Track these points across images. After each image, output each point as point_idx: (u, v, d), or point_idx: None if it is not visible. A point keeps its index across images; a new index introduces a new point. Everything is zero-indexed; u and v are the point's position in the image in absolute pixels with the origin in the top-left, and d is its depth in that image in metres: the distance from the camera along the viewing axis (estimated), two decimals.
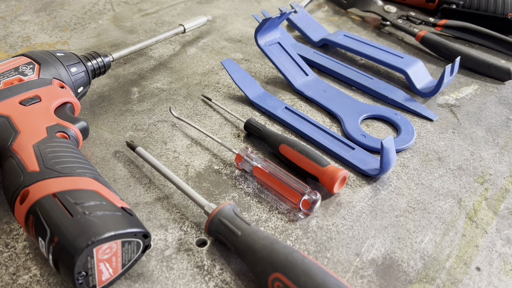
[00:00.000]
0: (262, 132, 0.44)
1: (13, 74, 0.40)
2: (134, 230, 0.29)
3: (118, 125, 0.47)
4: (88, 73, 0.46)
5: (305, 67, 0.55)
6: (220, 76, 0.56)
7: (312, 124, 0.47)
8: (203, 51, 0.61)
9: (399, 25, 0.65)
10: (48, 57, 0.43)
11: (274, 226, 0.37)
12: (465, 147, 0.46)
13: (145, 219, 0.37)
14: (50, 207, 0.29)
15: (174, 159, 0.43)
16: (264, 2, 0.77)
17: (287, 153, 0.41)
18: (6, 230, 0.35)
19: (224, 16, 0.71)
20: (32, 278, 0.32)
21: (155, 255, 0.34)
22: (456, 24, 0.66)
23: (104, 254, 0.28)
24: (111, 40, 0.63)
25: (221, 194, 0.39)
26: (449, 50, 0.60)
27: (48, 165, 0.32)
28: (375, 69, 0.59)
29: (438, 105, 0.52)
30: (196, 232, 0.36)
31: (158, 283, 0.32)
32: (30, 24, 0.65)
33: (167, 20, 0.69)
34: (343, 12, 0.74)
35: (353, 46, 0.59)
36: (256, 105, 0.50)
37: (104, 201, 0.30)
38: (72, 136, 0.37)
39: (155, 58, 0.59)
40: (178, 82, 0.55)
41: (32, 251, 0.34)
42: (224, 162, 0.43)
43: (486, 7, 0.68)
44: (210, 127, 0.47)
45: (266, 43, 0.53)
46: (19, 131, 0.35)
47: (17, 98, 0.38)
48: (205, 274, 0.33)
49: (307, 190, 0.37)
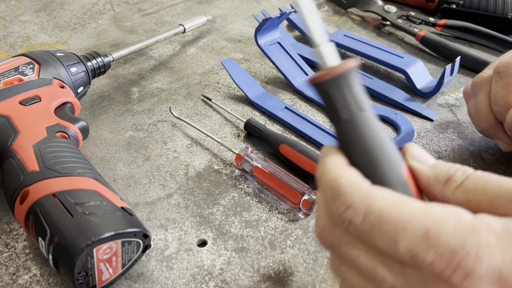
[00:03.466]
0: (262, 132, 0.44)
1: (13, 74, 0.40)
2: (134, 230, 0.29)
3: (118, 125, 0.47)
4: (88, 73, 0.46)
5: (305, 67, 0.55)
6: (220, 76, 0.56)
7: (312, 124, 0.47)
8: (203, 51, 0.61)
9: (399, 25, 0.65)
10: (48, 57, 0.43)
11: (274, 226, 0.37)
12: (465, 147, 0.46)
13: (145, 219, 0.37)
14: (50, 207, 0.29)
15: (174, 159, 0.43)
16: (264, 2, 0.77)
17: (287, 153, 0.41)
18: (6, 230, 0.35)
19: (224, 16, 0.71)
20: (32, 278, 0.32)
21: (155, 255, 0.34)
22: (456, 24, 0.66)
23: (104, 254, 0.28)
24: (111, 40, 0.63)
25: (221, 194, 0.39)
26: (449, 50, 0.60)
27: (48, 165, 0.32)
28: (375, 69, 0.59)
29: (438, 105, 0.52)
30: (196, 232, 0.36)
31: (158, 283, 0.32)
32: (30, 24, 0.65)
33: (167, 20, 0.69)
34: (343, 12, 0.74)
35: (353, 46, 0.59)
36: (256, 105, 0.50)
37: (104, 201, 0.30)
38: (72, 136, 0.37)
39: (155, 58, 0.59)
40: (178, 82, 0.54)
41: (32, 251, 0.34)
42: (224, 162, 0.43)
43: (486, 7, 0.68)
44: (210, 127, 0.47)
45: (266, 43, 0.53)
46: (19, 131, 0.35)
47: (17, 98, 0.38)
48: (205, 274, 0.33)
49: (307, 190, 0.37)
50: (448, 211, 0.21)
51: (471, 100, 0.44)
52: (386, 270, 0.22)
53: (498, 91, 0.40)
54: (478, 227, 0.20)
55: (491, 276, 0.19)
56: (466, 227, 0.20)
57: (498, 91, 0.40)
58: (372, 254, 0.22)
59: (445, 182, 0.24)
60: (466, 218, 0.20)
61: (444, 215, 0.21)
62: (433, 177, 0.24)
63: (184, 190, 0.40)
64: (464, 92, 0.46)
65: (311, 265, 0.34)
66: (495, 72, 0.40)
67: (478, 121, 0.43)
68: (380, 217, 0.21)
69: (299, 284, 0.32)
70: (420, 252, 0.20)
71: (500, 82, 0.40)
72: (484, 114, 0.42)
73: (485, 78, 0.42)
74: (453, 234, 0.20)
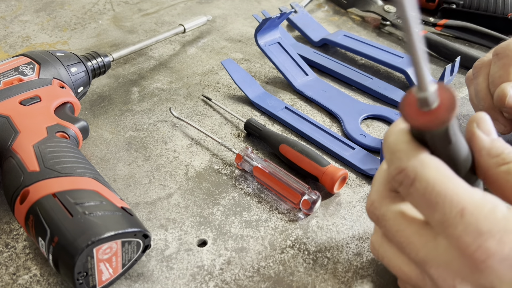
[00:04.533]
0: (262, 132, 0.44)
1: (13, 74, 0.40)
2: (134, 230, 0.29)
3: (118, 125, 0.47)
4: (88, 73, 0.46)
5: (305, 67, 0.55)
6: (220, 76, 0.56)
7: (312, 124, 0.47)
8: (203, 51, 0.61)
9: (399, 25, 0.65)
10: (48, 57, 0.43)
11: (274, 226, 0.37)
12: None
13: (145, 219, 0.37)
14: (50, 207, 0.29)
15: (174, 159, 0.43)
16: (264, 2, 0.77)
17: (287, 153, 0.41)
18: (6, 230, 0.35)
19: (224, 16, 0.71)
20: (32, 278, 0.32)
21: (155, 255, 0.34)
22: (456, 24, 0.66)
23: (104, 254, 0.28)
24: (111, 40, 0.63)
25: (221, 194, 0.39)
26: (449, 50, 0.60)
27: (48, 165, 0.32)
28: (375, 69, 0.59)
29: None
30: (196, 232, 0.36)
31: (158, 283, 0.32)
32: (30, 24, 0.65)
33: (167, 20, 0.69)
34: (343, 12, 0.74)
35: (353, 46, 0.59)
36: (256, 105, 0.50)
37: (104, 201, 0.30)
38: (72, 136, 0.37)
39: (155, 58, 0.59)
40: (178, 82, 0.54)
41: (32, 251, 0.34)
42: (224, 162, 0.43)
43: (486, 7, 0.68)
44: (210, 127, 0.47)
45: (266, 43, 0.53)
46: (19, 131, 0.35)
47: (17, 98, 0.38)
48: (205, 274, 0.33)
49: (307, 190, 0.37)
50: (487, 198, 0.23)
51: (472, 84, 0.45)
52: (422, 243, 0.24)
53: (496, 72, 0.40)
54: (509, 216, 0.22)
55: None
56: (498, 214, 0.22)
57: (495, 72, 0.41)
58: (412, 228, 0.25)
59: (495, 156, 0.25)
60: (500, 207, 0.22)
61: (482, 200, 0.22)
62: (486, 148, 0.26)
63: (184, 190, 0.40)
64: (466, 78, 0.47)
65: (311, 265, 0.34)
66: (494, 54, 0.41)
67: (478, 104, 0.44)
68: (426, 185, 0.23)
69: (299, 284, 0.32)
70: (451, 226, 0.22)
71: (498, 63, 0.40)
72: (483, 95, 0.42)
73: (485, 61, 0.43)
74: (485, 217, 0.22)
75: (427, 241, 0.24)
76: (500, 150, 0.25)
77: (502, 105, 0.39)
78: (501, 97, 0.39)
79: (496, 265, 0.21)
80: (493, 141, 0.26)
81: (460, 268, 0.23)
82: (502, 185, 0.25)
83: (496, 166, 0.25)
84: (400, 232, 0.25)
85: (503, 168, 0.25)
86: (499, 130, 0.43)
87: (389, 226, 0.26)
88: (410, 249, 0.25)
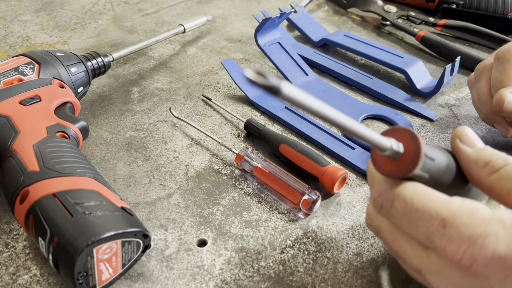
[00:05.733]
0: (262, 132, 0.44)
1: (13, 74, 0.40)
2: (134, 230, 0.29)
3: (118, 125, 0.47)
4: (88, 73, 0.46)
5: (305, 67, 0.55)
6: (220, 76, 0.56)
7: (312, 124, 0.47)
8: (203, 51, 0.61)
9: (399, 25, 0.65)
10: (48, 57, 0.43)
11: (274, 226, 0.37)
12: None
13: (145, 219, 0.37)
14: (50, 207, 0.29)
15: (174, 159, 0.43)
16: (264, 2, 0.77)
17: (287, 153, 0.41)
18: (6, 230, 0.35)
19: (224, 16, 0.71)
20: (32, 278, 0.32)
21: (155, 255, 0.34)
22: (456, 24, 0.66)
23: (104, 254, 0.28)
24: (111, 40, 0.63)
25: (221, 194, 0.39)
26: (449, 50, 0.60)
27: (48, 165, 0.32)
28: (375, 69, 0.59)
29: (438, 105, 0.52)
30: (196, 232, 0.36)
31: (158, 283, 0.32)
32: (30, 24, 0.65)
33: (167, 20, 0.69)
34: (343, 12, 0.74)
35: (353, 46, 0.59)
36: (256, 105, 0.50)
37: (104, 201, 0.30)
38: (72, 136, 0.37)
39: (155, 58, 0.59)
40: (178, 82, 0.54)
41: (32, 251, 0.34)
42: (224, 162, 0.43)
43: (486, 7, 0.68)
44: (210, 127, 0.47)
45: (266, 43, 0.53)
46: (19, 131, 0.35)
47: (17, 98, 0.38)
48: (205, 274, 0.33)
49: (307, 190, 0.37)
50: (465, 204, 0.23)
51: (474, 87, 0.45)
52: (414, 253, 0.25)
53: (497, 76, 0.41)
54: (490, 219, 0.22)
55: (496, 262, 0.22)
56: (478, 219, 0.22)
57: (496, 76, 0.41)
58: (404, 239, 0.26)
59: (484, 166, 0.26)
60: (481, 211, 0.23)
61: (460, 207, 0.23)
62: (473, 160, 0.26)
63: (184, 190, 0.40)
64: (468, 81, 0.47)
65: (311, 265, 0.34)
66: (495, 58, 0.41)
67: (480, 108, 0.44)
68: (405, 204, 0.24)
69: (299, 284, 0.32)
70: (436, 238, 0.23)
71: (499, 67, 0.41)
72: (485, 99, 0.43)
73: (487, 64, 0.43)
74: (465, 225, 0.22)
75: (418, 251, 0.25)
76: (487, 159, 0.26)
77: (500, 110, 0.39)
78: (499, 102, 0.39)
79: (481, 269, 0.22)
80: (479, 151, 0.26)
81: (451, 275, 0.23)
82: (498, 192, 0.25)
83: (487, 175, 0.25)
84: (395, 242, 0.26)
85: (494, 176, 0.25)
86: (502, 134, 0.43)
87: (385, 236, 0.27)
88: (405, 257, 0.26)
